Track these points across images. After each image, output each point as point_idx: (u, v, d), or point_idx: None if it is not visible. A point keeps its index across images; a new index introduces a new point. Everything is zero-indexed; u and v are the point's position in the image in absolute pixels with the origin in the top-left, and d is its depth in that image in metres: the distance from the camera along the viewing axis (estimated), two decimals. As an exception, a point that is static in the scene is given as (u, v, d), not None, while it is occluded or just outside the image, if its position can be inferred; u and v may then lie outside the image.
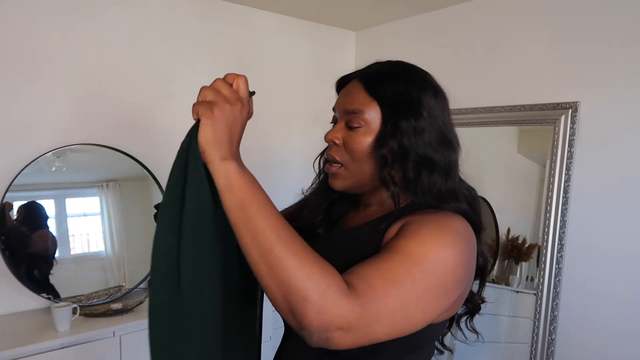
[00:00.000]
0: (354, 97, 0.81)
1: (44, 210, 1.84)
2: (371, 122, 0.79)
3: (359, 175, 0.81)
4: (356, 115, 0.79)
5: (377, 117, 0.79)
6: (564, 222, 1.82)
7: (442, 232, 0.70)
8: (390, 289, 0.63)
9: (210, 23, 2.24)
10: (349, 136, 0.80)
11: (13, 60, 1.76)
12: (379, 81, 0.81)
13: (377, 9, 2.38)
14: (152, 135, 2.09)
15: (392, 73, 0.82)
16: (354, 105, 0.80)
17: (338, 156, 0.81)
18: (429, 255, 0.67)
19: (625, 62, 1.72)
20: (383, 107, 0.79)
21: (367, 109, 0.79)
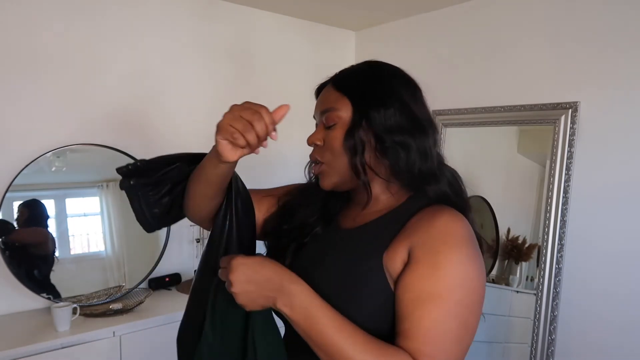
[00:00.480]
0: (326, 97, 0.86)
1: (45, 209, 1.84)
2: (344, 117, 0.82)
3: (341, 170, 0.83)
4: (330, 113, 0.83)
5: (349, 112, 0.82)
6: (564, 222, 1.82)
7: (457, 252, 0.72)
8: (449, 343, 0.69)
9: (210, 23, 2.24)
10: (327, 135, 0.84)
11: (13, 61, 1.76)
12: (348, 78, 0.86)
13: (377, 9, 2.38)
14: (151, 135, 2.09)
15: (360, 69, 0.87)
16: (327, 104, 0.85)
17: (319, 156, 0.86)
18: (460, 285, 0.71)
19: (625, 62, 1.72)
20: (353, 100, 0.82)
21: (338, 105, 0.83)
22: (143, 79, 2.06)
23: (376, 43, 2.68)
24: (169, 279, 2.07)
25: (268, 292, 0.72)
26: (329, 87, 0.87)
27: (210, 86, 2.26)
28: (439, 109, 2.31)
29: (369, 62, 0.89)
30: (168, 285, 2.06)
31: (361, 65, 0.88)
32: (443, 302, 0.69)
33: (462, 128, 2.23)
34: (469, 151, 2.28)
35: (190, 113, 2.21)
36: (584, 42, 1.82)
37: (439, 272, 0.70)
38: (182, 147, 2.21)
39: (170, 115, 2.15)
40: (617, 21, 1.74)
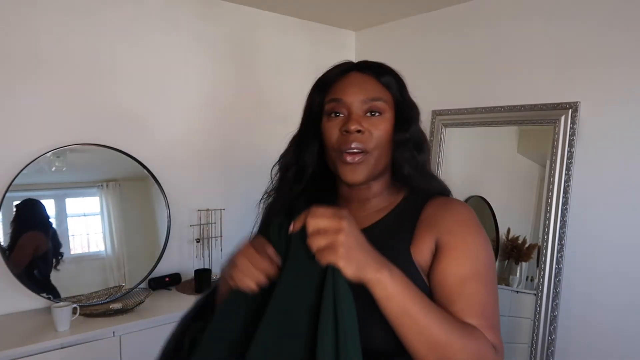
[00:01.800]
0: (369, 86, 0.84)
1: (43, 208, 1.83)
2: (387, 110, 0.83)
3: (380, 162, 0.83)
4: (379, 102, 0.82)
5: (391, 104, 0.84)
6: (564, 222, 1.82)
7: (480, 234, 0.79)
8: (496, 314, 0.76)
9: (211, 23, 2.24)
10: (370, 123, 0.81)
11: (13, 61, 1.76)
12: (383, 71, 0.86)
13: (377, 9, 2.38)
14: (152, 135, 2.09)
15: (384, 65, 0.88)
16: (375, 93, 0.83)
17: (367, 143, 0.80)
18: (490, 263, 0.78)
19: (625, 63, 1.72)
20: (393, 94, 0.85)
21: (384, 96, 0.83)
22: (143, 79, 2.06)
23: (376, 43, 2.68)
24: (169, 278, 2.07)
25: (374, 261, 0.66)
26: (367, 76, 0.85)
27: (210, 86, 2.26)
28: (439, 109, 2.31)
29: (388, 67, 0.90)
30: (168, 285, 2.06)
31: (378, 62, 0.89)
32: (483, 278, 0.76)
33: (462, 128, 2.23)
34: (469, 151, 2.28)
35: (191, 113, 2.21)
36: (584, 42, 1.82)
37: (473, 254, 0.77)
38: (182, 147, 2.23)
39: (171, 115, 2.15)
40: (617, 21, 1.74)
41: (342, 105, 0.83)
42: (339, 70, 0.88)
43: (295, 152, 0.89)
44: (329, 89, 0.86)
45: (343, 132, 0.81)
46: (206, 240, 2.20)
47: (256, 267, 0.70)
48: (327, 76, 0.88)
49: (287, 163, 0.90)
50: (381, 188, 0.87)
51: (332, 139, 0.83)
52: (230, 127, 2.33)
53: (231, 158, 2.33)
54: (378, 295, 0.66)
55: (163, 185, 2.05)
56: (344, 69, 0.87)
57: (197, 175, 2.24)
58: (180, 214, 2.13)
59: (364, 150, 0.80)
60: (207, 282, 2.02)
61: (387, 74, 0.86)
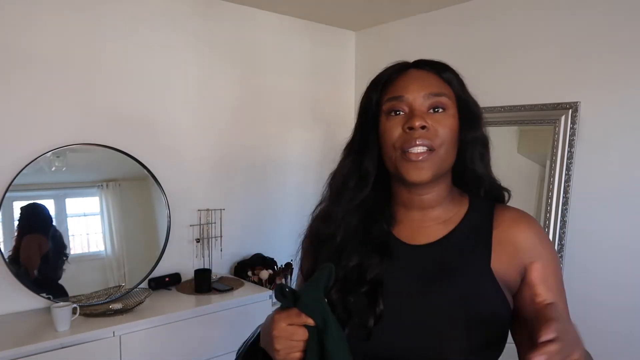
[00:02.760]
0: (432, 81, 0.80)
1: (46, 211, 1.83)
2: (451, 106, 0.79)
3: (446, 161, 0.78)
4: (444, 97, 0.78)
5: (453, 101, 0.80)
6: (564, 222, 1.82)
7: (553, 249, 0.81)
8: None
9: (211, 23, 2.24)
10: (435, 120, 0.77)
11: (13, 61, 1.76)
12: (442, 68, 0.83)
13: (377, 9, 2.38)
14: (151, 135, 2.09)
15: (443, 62, 0.85)
16: (439, 88, 0.79)
17: (434, 140, 0.75)
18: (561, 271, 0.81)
19: (625, 63, 1.72)
20: (455, 91, 0.81)
21: (447, 91, 0.80)
22: (144, 79, 2.06)
23: (376, 43, 2.68)
24: (168, 279, 2.07)
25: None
26: (427, 72, 0.81)
27: (210, 86, 2.26)
28: (439, 109, 2.31)
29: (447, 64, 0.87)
30: (168, 285, 2.06)
31: (447, 65, 0.86)
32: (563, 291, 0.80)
33: (462, 128, 2.22)
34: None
35: (191, 113, 2.21)
36: (584, 42, 1.82)
37: (556, 269, 0.79)
38: (183, 146, 2.23)
39: (171, 115, 2.15)
40: (617, 21, 1.74)
41: (403, 102, 0.77)
42: (395, 68, 0.83)
43: (354, 160, 0.82)
44: (387, 87, 0.80)
45: (406, 129, 0.75)
46: (206, 240, 2.20)
47: (297, 339, 0.68)
48: (384, 75, 0.83)
49: (347, 173, 0.83)
50: (444, 193, 0.81)
51: (393, 138, 0.77)
52: (230, 127, 2.33)
53: (231, 158, 2.33)
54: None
55: (163, 185, 2.05)
56: (400, 67, 0.83)
57: (197, 175, 2.24)
58: (180, 214, 2.14)
59: (430, 148, 0.75)
60: (207, 282, 2.02)
61: (447, 70, 0.83)
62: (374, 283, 0.76)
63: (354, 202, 0.81)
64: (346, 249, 0.80)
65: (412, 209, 0.82)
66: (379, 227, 0.81)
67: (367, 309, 0.74)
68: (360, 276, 0.77)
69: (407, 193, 0.81)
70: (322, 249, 0.82)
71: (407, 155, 0.75)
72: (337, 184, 0.84)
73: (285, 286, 0.70)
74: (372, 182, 0.81)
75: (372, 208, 0.82)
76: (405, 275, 0.78)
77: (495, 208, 0.82)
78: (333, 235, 0.81)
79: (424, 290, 0.76)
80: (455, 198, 0.83)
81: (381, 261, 0.78)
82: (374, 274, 0.77)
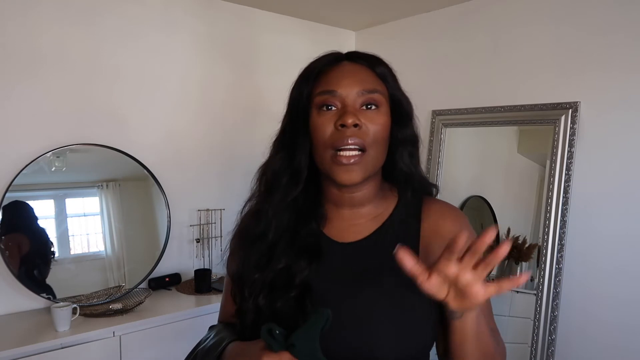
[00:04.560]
0: (365, 77, 0.76)
1: (30, 210, 1.80)
2: (384, 103, 0.76)
3: (376, 160, 0.76)
4: (376, 94, 0.75)
5: (386, 98, 0.77)
6: (564, 222, 1.82)
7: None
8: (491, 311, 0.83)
9: (211, 23, 2.24)
10: (367, 117, 0.74)
11: (12, 61, 1.76)
12: (376, 63, 0.79)
13: (377, 9, 2.38)
14: (152, 135, 2.09)
15: (375, 56, 0.81)
16: (372, 85, 0.75)
17: (365, 139, 0.73)
18: None
19: (626, 62, 1.72)
20: (389, 87, 0.78)
21: (381, 88, 0.77)
22: (143, 79, 2.06)
23: (376, 43, 2.68)
24: (168, 279, 2.07)
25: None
26: (361, 66, 0.77)
27: (210, 86, 2.26)
28: (439, 109, 2.31)
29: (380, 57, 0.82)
30: (168, 285, 2.06)
31: (381, 59, 0.81)
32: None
33: (462, 128, 2.23)
34: (469, 151, 2.28)
35: (191, 112, 2.21)
36: (584, 41, 1.82)
37: None
38: (183, 146, 2.23)
39: (171, 115, 2.15)
40: (618, 21, 1.74)
41: (336, 97, 0.74)
42: (328, 59, 0.79)
43: (286, 155, 0.80)
44: (318, 80, 0.77)
45: (338, 126, 0.72)
46: (206, 240, 2.20)
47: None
48: (315, 66, 0.78)
49: (278, 169, 0.80)
50: (374, 190, 0.80)
51: (324, 135, 0.74)
52: (230, 127, 2.32)
53: (231, 158, 2.33)
54: (470, 324, 0.68)
55: (163, 185, 2.05)
56: (334, 58, 0.79)
57: (197, 175, 2.24)
58: (180, 214, 2.13)
59: (361, 147, 0.73)
60: (207, 282, 2.02)
61: (381, 65, 0.79)
62: (302, 287, 0.74)
63: (286, 200, 0.79)
64: (277, 250, 0.77)
65: (342, 206, 0.81)
66: (309, 228, 0.79)
67: (296, 315, 0.72)
68: (289, 280, 0.75)
69: (337, 191, 0.79)
70: (252, 248, 0.79)
71: (338, 158, 0.73)
72: (268, 180, 0.81)
73: (274, 327, 0.66)
74: (304, 179, 0.79)
75: (303, 206, 0.80)
76: (334, 275, 0.77)
77: (423, 202, 0.82)
78: (264, 234, 0.79)
79: (352, 290, 0.75)
80: (386, 194, 0.82)
81: (309, 264, 0.76)
82: (302, 278, 0.75)
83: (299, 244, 0.77)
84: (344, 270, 0.77)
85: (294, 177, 0.79)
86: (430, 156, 2.32)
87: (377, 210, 0.81)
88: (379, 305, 0.73)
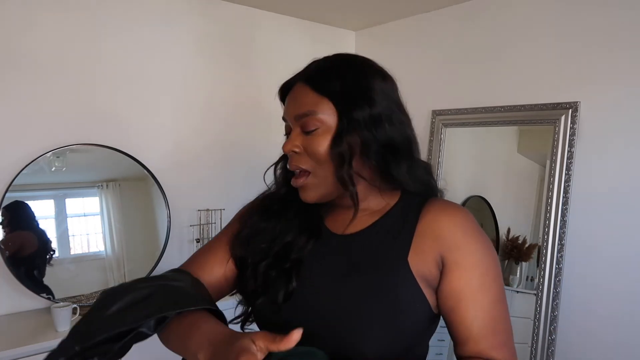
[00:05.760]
0: (302, 99, 0.77)
1: (29, 209, 1.80)
2: (326, 121, 0.75)
3: (327, 180, 0.77)
4: (309, 117, 0.75)
5: (333, 115, 0.75)
6: (564, 222, 1.82)
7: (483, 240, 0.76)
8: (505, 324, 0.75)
9: (210, 23, 2.24)
10: (308, 141, 0.76)
11: (12, 61, 1.76)
12: (325, 77, 0.77)
13: (377, 9, 2.38)
14: (152, 135, 2.09)
15: (336, 66, 0.79)
16: (305, 107, 0.76)
17: (303, 164, 0.77)
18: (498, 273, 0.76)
19: (626, 62, 1.72)
20: (335, 102, 0.75)
21: (319, 108, 0.75)
22: (143, 79, 2.06)
23: (376, 43, 2.68)
24: (169, 279, 2.07)
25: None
26: (304, 87, 0.78)
27: (210, 86, 2.26)
28: (439, 109, 2.31)
29: (341, 55, 0.82)
30: (168, 285, 2.06)
31: (334, 61, 0.80)
32: (491, 290, 0.74)
33: (462, 128, 2.23)
34: (469, 151, 2.28)
35: (190, 113, 2.21)
36: (584, 41, 1.82)
37: (481, 266, 0.74)
38: (182, 146, 2.23)
39: (171, 115, 2.15)
40: (618, 21, 1.74)
41: (288, 123, 0.81)
42: (288, 82, 0.83)
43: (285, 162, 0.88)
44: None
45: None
46: (206, 240, 2.20)
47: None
48: (281, 90, 0.85)
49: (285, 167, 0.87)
50: (363, 191, 0.80)
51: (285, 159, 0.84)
52: (229, 127, 2.33)
53: (231, 158, 2.33)
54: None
55: (163, 185, 2.05)
56: (292, 81, 0.82)
57: (197, 175, 2.24)
58: (180, 214, 2.13)
59: (305, 170, 0.77)
60: (207, 282, 2.02)
61: (325, 77, 0.77)
62: (295, 262, 0.80)
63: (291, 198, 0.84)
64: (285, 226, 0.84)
65: (339, 206, 0.84)
66: (313, 213, 0.85)
67: (281, 285, 0.78)
68: (286, 253, 0.81)
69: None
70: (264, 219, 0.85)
71: (292, 179, 0.80)
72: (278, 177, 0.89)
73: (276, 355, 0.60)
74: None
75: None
76: (327, 262, 0.80)
77: (427, 201, 0.80)
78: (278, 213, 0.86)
79: (337, 280, 0.77)
80: (386, 191, 0.82)
81: (307, 242, 0.82)
82: (297, 254, 0.80)
83: (303, 222, 0.84)
84: (335, 259, 0.80)
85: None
86: (430, 156, 2.32)
87: (377, 205, 0.82)
88: (361, 297, 0.73)
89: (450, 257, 0.74)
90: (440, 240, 0.75)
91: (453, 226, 0.76)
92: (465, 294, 0.73)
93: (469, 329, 0.73)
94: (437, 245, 0.75)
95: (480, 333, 0.72)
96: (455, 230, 0.75)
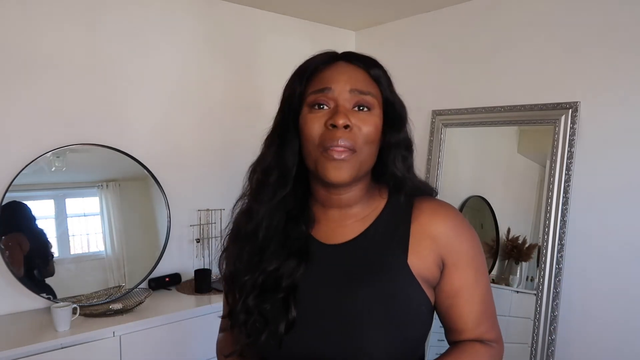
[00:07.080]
0: (360, 77, 0.76)
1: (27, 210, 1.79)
2: (376, 106, 0.76)
3: (366, 162, 0.75)
4: (369, 96, 0.75)
5: (379, 100, 0.77)
6: (564, 222, 1.82)
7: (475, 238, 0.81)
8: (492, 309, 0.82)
9: (210, 23, 2.24)
10: (359, 119, 0.73)
11: (13, 61, 1.76)
12: (372, 64, 0.79)
13: (377, 9, 2.38)
14: (151, 135, 2.09)
15: (373, 58, 0.81)
16: (365, 86, 0.75)
17: (352, 140, 0.72)
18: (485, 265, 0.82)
19: (626, 62, 1.72)
20: (382, 90, 0.78)
21: (373, 90, 0.76)
22: (144, 79, 2.06)
23: (376, 43, 2.68)
24: (168, 279, 2.07)
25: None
26: (356, 67, 0.77)
27: (211, 86, 2.26)
28: (439, 109, 2.31)
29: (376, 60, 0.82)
30: (168, 285, 2.06)
31: (376, 61, 0.80)
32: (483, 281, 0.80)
33: (462, 128, 2.23)
34: (469, 151, 2.28)
35: (191, 112, 2.21)
36: (584, 42, 1.82)
37: (475, 263, 0.79)
38: (183, 146, 2.23)
39: (171, 115, 2.15)
40: (618, 21, 1.74)
41: (328, 96, 0.74)
42: (323, 58, 0.78)
43: (275, 153, 0.79)
44: (312, 78, 0.77)
45: (329, 126, 0.72)
46: (206, 240, 2.20)
47: None
48: (310, 64, 0.78)
49: (267, 167, 0.80)
50: (362, 192, 0.79)
51: (314, 134, 0.73)
52: (230, 127, 2.32)
53: (231, 158, 2.33)
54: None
55: (163, 185, 2.05)
56: (329, 57, 0.79)
57: (197, 175, 2.24)
58: (180, 214, 2.13)
59: (351, 148, 0.72)
60: (207, 282, 2.02)
61: (377, 67, 0.78)
62: (289, 289, 0.75)
63: (275, 200, 0.78)
64: (267, 250, 0.77)
65: (330, 207, 0.80)
66: (298, 230, 0.79)
67: (281, 316, 0.73)
68: (277, 282, 0.75)
69: (325, 192, 0.79)
70: (243, 248, 0.80)
71: (329, 152, 0.72)
72: (258, 178, 0.81)
73: None
74: (292, 178, 0.78)
75: (292, 206, 0.80)
76: (321, 277, 0.76)
77: (415, 202, 0.80)
78: (255, 233, 0.79)
79: (340, 293, 0.74)
80: (374, 195, 0.81)
81: (298, 266, 0.76)
82: (289, 281, 0.75)
83: (288, 246, 0.77)
84: (332, 272, 0.77)
85: (282, 175, 0.78)
86: (430, 156, 2.32)
87: (365, 212, 0.80)
88: (368, 305, 0.72)
89: (449, 258, 0.77)
90: (437, 241, 0.77)
91: (448, 229, 0.78)
92: (462, 290, 0.78)
93: (465, 321, 0.78)
94: (435, 247, 0.77)
95: (475, 322, 0.78)
96: (450, 233, 0.78)
